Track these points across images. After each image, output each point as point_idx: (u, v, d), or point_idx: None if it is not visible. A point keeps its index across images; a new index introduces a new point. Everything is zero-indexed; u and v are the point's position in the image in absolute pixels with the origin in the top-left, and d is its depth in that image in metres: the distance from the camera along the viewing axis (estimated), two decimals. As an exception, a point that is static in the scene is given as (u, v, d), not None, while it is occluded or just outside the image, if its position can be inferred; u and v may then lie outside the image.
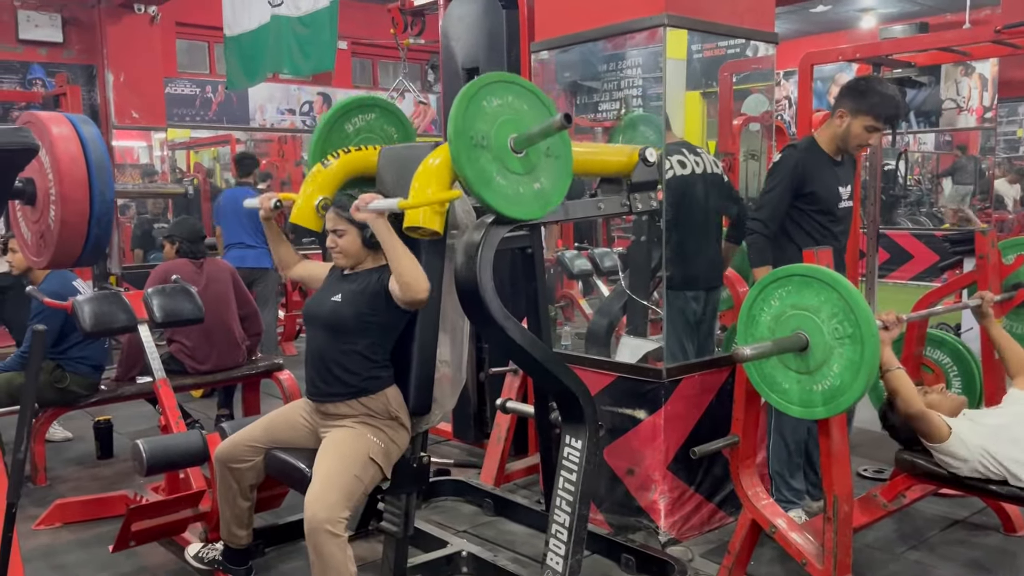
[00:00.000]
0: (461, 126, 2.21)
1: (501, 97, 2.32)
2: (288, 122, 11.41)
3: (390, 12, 5.47)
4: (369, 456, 2.54)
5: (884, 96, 3.12)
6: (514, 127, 2.31)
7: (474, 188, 2.24)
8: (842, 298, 2.43)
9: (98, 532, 3.48)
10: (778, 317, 2.58)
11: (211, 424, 4.65)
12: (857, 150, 3.28)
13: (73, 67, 8.01)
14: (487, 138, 2.26)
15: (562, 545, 2.54)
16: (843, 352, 2.42)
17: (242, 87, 7.33)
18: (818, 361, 2.47)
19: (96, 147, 2.29)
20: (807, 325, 2.50)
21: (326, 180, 2.66)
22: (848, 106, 3.16)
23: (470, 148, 2.22)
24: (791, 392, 2.54)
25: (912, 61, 7.16)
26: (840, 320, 2.43)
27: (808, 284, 2.51)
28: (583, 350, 3.78)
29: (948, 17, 10.60)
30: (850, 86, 3.22)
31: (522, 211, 2.33)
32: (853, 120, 3.15)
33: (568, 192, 3.46)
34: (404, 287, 2.46)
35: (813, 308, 2.49)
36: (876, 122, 3.14)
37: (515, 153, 2.30)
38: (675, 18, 3.17)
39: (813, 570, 2.66)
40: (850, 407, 2.47)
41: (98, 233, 2.33)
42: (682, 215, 3.33)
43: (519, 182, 2.32)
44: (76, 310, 3.51)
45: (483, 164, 2.24)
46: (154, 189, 4.83)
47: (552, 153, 2.40)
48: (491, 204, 2.26)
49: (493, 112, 2.29)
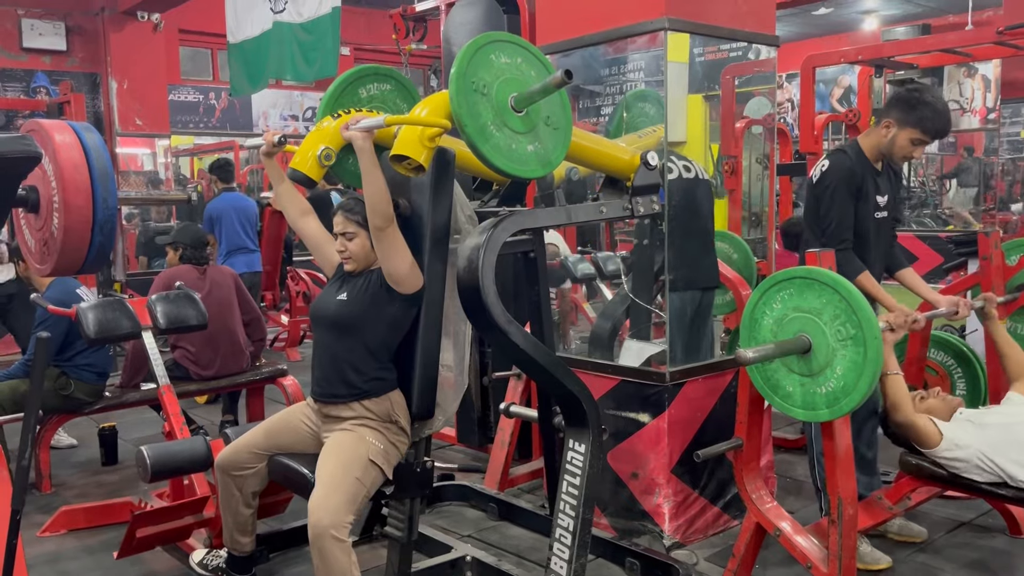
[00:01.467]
0: (464, 68, 2.20)
1: (511, 57, 2.32)
2: (291, 128, 11.43)
3: (392, 18, 5.48)
4: (369, 458, 2.54)
5: (935, 110, 3.04)
6: (517, 87, 2.30)
7: (468, 132, 2.20)
8: (844, 300, 2.43)
9: (103, 538, 3.48)
10: (780, 320, 2.57)
11: (215, 430, 4.65)
12: (901, 161, 3.19)
13: (77, 75, 8.05)
14: (488, 88, 2.25)
15: (566, 549, 2.53)
16: (846, 354, 2.41)
17: (245, 94, 7.35)
18: (821, 363, 2.46)
19: (99, 154, 2.29)
20: (809, 327, 2.49)
21: (332, 133, 2.61)
22: (896, 116, 3.07)
23: (469, 91, 2.21)
24: (794, 395, 2.54)
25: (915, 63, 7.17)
26: (843, 322, 2.42)
27: (810, 286, 2.51)
28: (586, 354, 3.78)
29: (951, 19, 10.60)
30: (901, 97, 3.14)
31: (518, 167, 2.31)
32: (900, 131, 3.07)
33: (570, 197, 3.47)
34: (371, 210, 2.46)
35: (815, 310, 2.48)
36: (924, 135, 3.06)
37: (515, 112, 2.30)
38: (676, 22, 3.17)
39: (818, 573, 2.65)
40: (854, 409, 2.46)
41: (101, 240, 2.33)
42: (681, 217, 3.33)
43: (514, 139, 2.30)
44: (80, 317, 3.52)
45: (480, 110, 2.23)
46: (157, 196, 4.84)
47: (552, 123, 2.39)
48: (485, 154, 2.23)
49: (499, 67, 2.29)
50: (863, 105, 7.14)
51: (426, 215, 2.57)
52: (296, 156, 2.64)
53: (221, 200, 6.46)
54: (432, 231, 2.58)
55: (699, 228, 3.45)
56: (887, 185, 3.21)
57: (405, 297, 2.58)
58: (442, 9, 4.68)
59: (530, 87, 2.30)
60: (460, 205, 2.68)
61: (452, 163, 2.57)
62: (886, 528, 3.25)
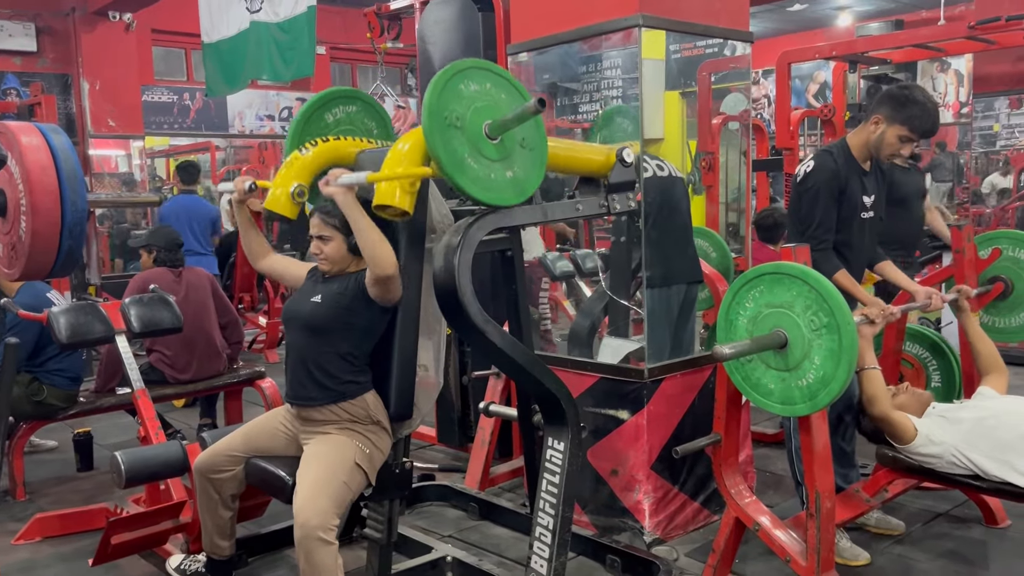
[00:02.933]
0: (436, 105, 2.20)
1: (479, 83, 2.32)
2: (267, 128, 11.35)
3: (366, 16, 5.45)
4: (355, 462, 2.53)
5: (924, 108, 3.03)
6: (490, 114, 2.30)
7: (446, 168, 2.21)
8: (813, 289, 2.45)
9: (79, 546, 3.43)
10: (755, 318, 2.59)
11: (193, 434, 4.61)
12: (888, 159, 3.17)
13: (48, 76, 7.94)
14: (461, 120, 2.25)
15: (546, 548, 2.53)
16: (822, 343, 2.43)
17: (222, 94, 7.27)
18: (799, 356, 2.48)
19: (67, 156, 2.27)
20: (784, 322, 2.51)
21: (303, 167, 2.61)
22: (885, 113, 3.05)
23: (443, 128, 2.21)
24: (776, 392, 2.54)
25: (888, 58, 7.23)
26: (815, 312, 2.44)
27: (779, 281, 2.53)
28: (565, 351, 3.78)
29: (923, 14, 10.71)
30: (890, 94, 3.12)
31: (496, 196, 2.32)
32: (888, 128, 3.05)
33: (547, 194, 3.47)
34: (371, 261, 2.44)
35: (787, 304, 2.50)
36: (912, 133, 3.04)
37: (489, 139, 2.30)
38: (650, 18, 3.18)
39: (797, 567, 2.66)
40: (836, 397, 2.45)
41: (71, 244, 2.31)
42: (658, 214, 3.33)
43: (492, 168, 2.30)
44: (52, 322, 3.47)
45: (455, 145, 2.23)
46: (128, 198, 4.78)
47: (527, 145, 2.39)
48: (463, 187, 2.24)
49: (470, 96, 2.29)
50: (838, 100, 7.19)
51: (402, 215, 2.56)
52: (269, 196, 2.61)
53: (174, 202, 6.48)
54: (408, 231, 2.57)
55: (676, 225, 3.46)
56: (874, 185, 3.20)
57: (382, 306, 2.58)
58: (416, 7, 4.66)
59: (504, 115, 2.30)
60: (436, 204, 2.67)
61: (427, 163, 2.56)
62: (864, 521, 3.28)
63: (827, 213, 3.06)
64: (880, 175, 3.26)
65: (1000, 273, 3.40)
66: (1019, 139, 7.97)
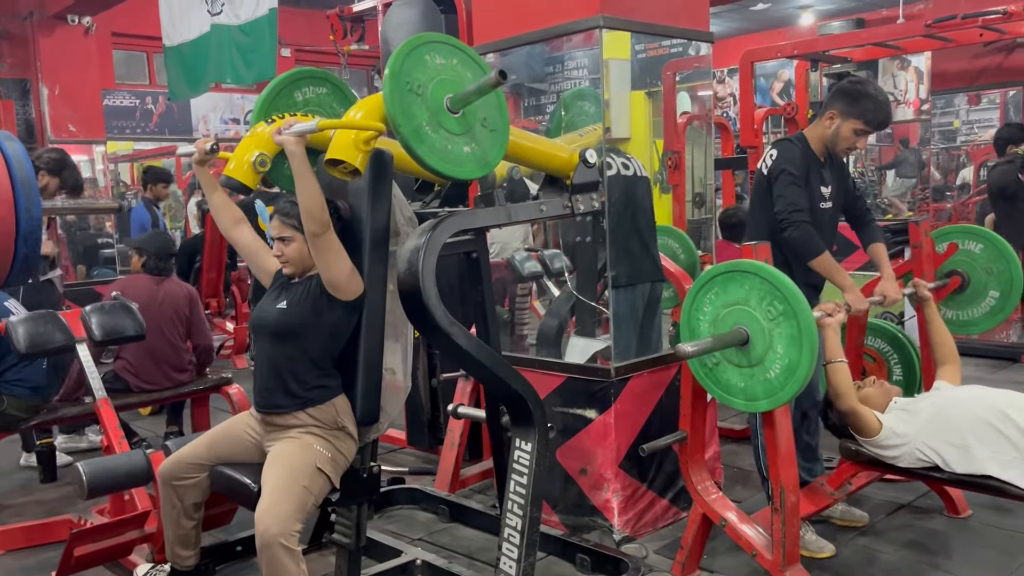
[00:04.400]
0: (398, 68, 2.19)
1: (445, 58, 2.31)
2: (232, 131, 11.23)
3: (329, 19, 5.42)
4: (316, 466, 2.51)
5: (877, 101, 3.09)
6: (453, 88, 2.30)
7: (402, 132, 2.18)
8: (765, 281, 2.50)
9: (42, 558, 3.38)
10: (715, 320, 2.63)
11: (160, 442, 4.55)
12: (844, 153, 3.23)
13: (5, 81, 7.79)
14: (423, 89, 2.24)
15: (515, 548, 2.53)
16: (782, 331, 2.47)
17: (185, 98, 7.18)
18: (763, 349, 2.51)
19: (20, 164, 2.23)
20: (743, 318, 2.55)
21: (266, 138, 2.57)
22: (840, 108, 3.11)
23: (404, 92, 2.20)
24: (749, 388, 2.57)
25: (849, 56, 7.33)
26: (769, 302, 2.49)
27: (731, 279, 2.58)
28: (533, 352, 3.79)
29: (883, 13, 10.86)
30: (843, 89, 3.18)
31: (455, 169, 2.30)
32: (843, 122, 3.11)
33: (512, 196, 3.48)
34: (305, 214, 2.42)
35: (743, 300, 2.55)
36: (866, 127, 3.11)
37: (451, 113, 2.29)
38: (610, 19, 3.19)
39: (763, 560, 2.70)
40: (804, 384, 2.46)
41: (26, 252, 2.28)
42: (622, 213, 3.35)
43: (450, 140, 2.29)
44: (9, 331, 3.40)
45: (415, 111, 2.21)
46: (86, 205, 4.69)
47: (489, 125, 2.39)
48: (420, 156, 2.22)
49: (434, 68, 2.28)
50: (801, 98, 7.28)
51: (365, 218, 2.55)
52: (230, 163, 2.58)
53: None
54: (372, 234, 2.55)
55: (640, 224, 3.48)
56: (831, 176, 3.26)
57: (346, 304, 2.56)
58: (379, 9, 4.65)
59: (466, 88, 2.29)
60: (399, 207, 2.67)
61: (390, 165, 2.55)
62: (829, 513, 3.32)
63: (799, 192, 3.08)
64: (835, 168, 3.30)
65: (956, 267, 3.47)
66: (978, 135, 8.13)
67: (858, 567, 3.04)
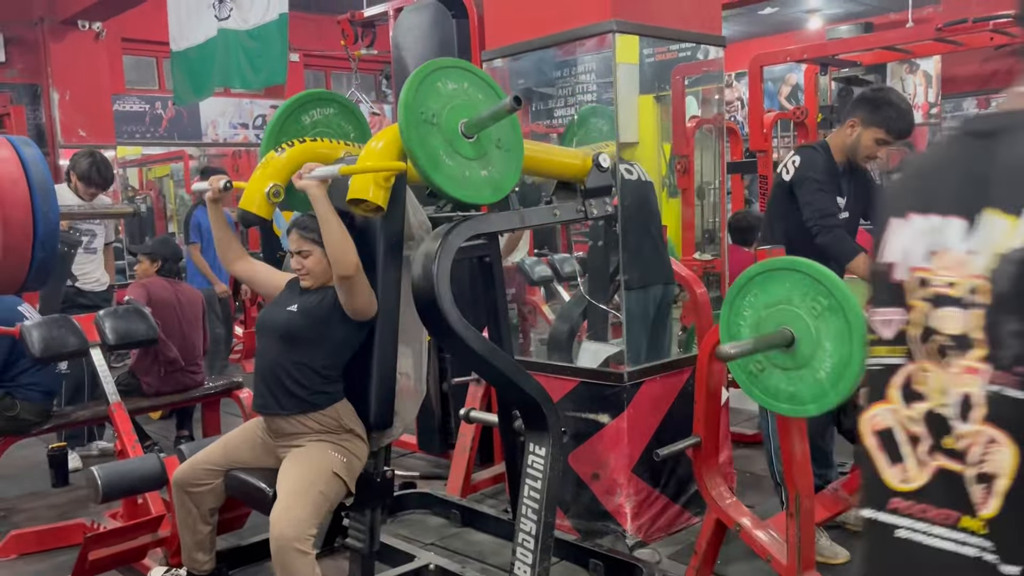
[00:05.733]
0: (412, 100, 2.20)
1: (457, 82, 2.32)
2: (241, 136, 11.26)
3: (340, 24, 5.44)
4: (333, 471, 2.51)
5: (899, 110, 3.05)
6: (466, 113, 2.30)
7: (421, 165, 2.20)
8: (806, 276, 2.35)
9: (56, 562, 3.38)
10: (757, 324, 2.47)
11: (171, 446, 4.56)
12: (864, 161, 3.18)
13: (17, 87, 7.84)
14: (437, 117, 2.25)
15: (529, 553, 2.53)
16: (828, 327, 2.31)
17: (189, 101, 7.21)
18: (810, 349, 2.35)
19: (38, 168, 2.24)
20: (787, 318, 2.39)
21: (279, 167, 2.60)
22: (861, 116, 3.08)
23: (419, 123, 2.21)
24: (797, 392, 2.41)
25: (858, 60, 7.31)
26: (813, 297, 2.33)
27: (770, 278, 2.43)
28: (545, 356, 3.78)
29: (892, 16, 10.85)
30: (866, 97, 3.15)
31: (471, 194, 2.31)
32: (865, 131, 3.07)
33: (524, 200, 3.48)
34: (334, 259, 2.43)
35: (784, 299, 2.39)
36: (888, 136, 3.06)
37: (465, 138, 2.29)
38: (623, 24, 3.19)
39: (778, 566, 2.68)
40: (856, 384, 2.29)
41: (43, 256, 2.28)
42: (633, 217, 3.35)
43: (467, 166, 2.30)
44: (24, 336, 3.42)
45: (431, 141, 2.22)
46: (102, 209, 4.74)
47: (503, 145, 2.39)
48: (439, 185, 2.23)
49: (447, 94, 2.28)
50: (810, 102, 7.27)
51: (379, 223, 2.55)
52: (244, 196, 2.60)
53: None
54: (385, 239, 2.56)
55: (651, 227, 3.48)
56: (848, 187, 3.21)
57: (358, 322, 2.57)
58: (390, 14, 4.66)
59: (480, 113, 2.30)
60: (413, 211, 2.67)
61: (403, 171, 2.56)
62: (844, 519, 3.30)
63: (827, 199, 3.04)
64: (857, 178, 3.25)
65: None
66: (987, 139, 8.10)
67: (873, 573, 3.02)
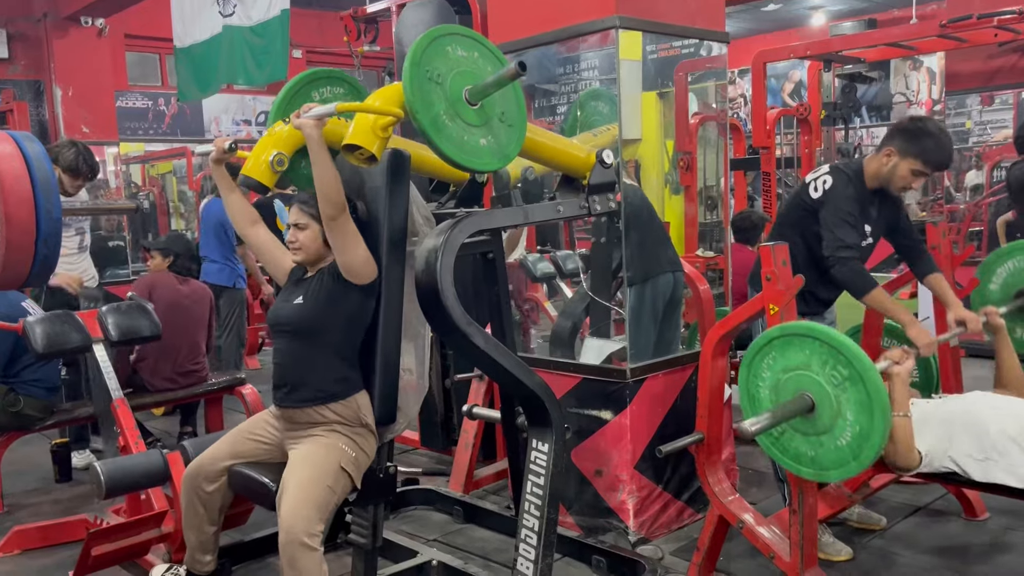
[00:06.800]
0: (419, 57, 2.19)
1: (467, 50, 2.31)
2: (244, 133, 11.28)
3: (343, 20, 5.44)
4: (340, 466, 2.51)
5: (938, 140, 2.96)
6: (472, 80, 2.29)
7: (420, 119, 2.18)
8: (824, 344, 2.33)
9: (59, 558, 3.39)
10: (776, 387, 2.47)
11: (174, 442, 4.57)
12: (900, 191, 3.11)
13: (20, 83, 7.85)
14: (442, 78, 2.24)
15: (532, 550, 2.53)
16: (849, 396, 2.31)
17: (194, 99, 7.22)
18: (830, 417, 2.35)
19: (41, 165, 2.24)
20: (806, 383, 2.38)
21: (284, 137, 2.58)
22: (899, 146, 2.98)
23: (423, 80, 2.19)
24: (818, 457, 2.42)
25: (862, 57, 7.30)
26: (832, 366, 2.32)
27: (789, 343, 2.42)
28: (548, 353, 3.78)
29: (895, 13, 10.82)
30: (904, 127, 3.05)
31: (471, 160, 2.29)
32: (901, 161, 2.97)
33: (527, 196, 3.48)
34: (321, 197, 2.43)
35: (804, 364, 2.38)
36: (925, 167, 2.98)
37: (469, 105, 2.28)
38: (627, 20, 3.19)
39: (780, 563, 2.68)
40: (880, 450, 2.32)
41: (46, 253, 2.28)
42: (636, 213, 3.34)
43: (468, 131, 2.28)
44: (27, 331, 3.42)
45: (433, 99, 2.21)
46: (105, 206, 4.75)
47: (507, 120, 2.39)
48: (437, 144, 2.21)
49: (455, 59, 2.27)
50: (813, 99, 7.26)
51: (382, 218, 2.55)
52: (248, 162, 2.58)
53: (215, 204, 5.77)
54: (389, 234, 2.56)
55: (654, 223, 3.48)
56: (875, 213, 3.14)
57: (361, 288, 2.55)
58: (393, 10, 4.66)
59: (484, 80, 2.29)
60: (416, 207, 2.67)
61: (407, 165, 2.56)
62: (846, 516, 3.31)
63: (850, 233, 2.97)
64: (887, 202, 3.16)
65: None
66: (991, 135, 8.09)
67: (875, 570, 3.02)
